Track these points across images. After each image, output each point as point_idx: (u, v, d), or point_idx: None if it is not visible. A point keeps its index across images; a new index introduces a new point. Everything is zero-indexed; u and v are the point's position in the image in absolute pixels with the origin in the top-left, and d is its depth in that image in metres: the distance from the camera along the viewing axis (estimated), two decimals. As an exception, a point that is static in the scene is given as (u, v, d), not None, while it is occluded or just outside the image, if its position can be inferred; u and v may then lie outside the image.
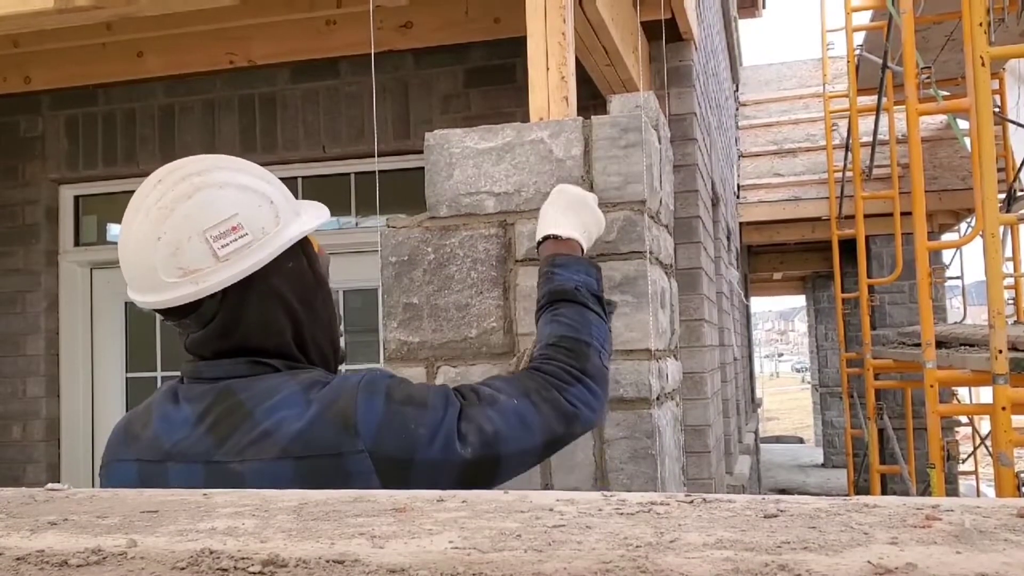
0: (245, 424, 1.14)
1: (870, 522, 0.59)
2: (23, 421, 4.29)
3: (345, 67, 3.99)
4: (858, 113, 7.00)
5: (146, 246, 1.18)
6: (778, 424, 25.62)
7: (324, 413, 1.13)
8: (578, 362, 1.30)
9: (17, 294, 4.34)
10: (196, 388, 1.22)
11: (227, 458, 1.14)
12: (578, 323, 1.36)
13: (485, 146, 1.81)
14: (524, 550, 0.55)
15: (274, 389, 1.17)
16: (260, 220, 1.20)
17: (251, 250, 1.18)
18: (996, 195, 3.48)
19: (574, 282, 1.41)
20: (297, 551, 0.57)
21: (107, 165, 4.29)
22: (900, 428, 7.41)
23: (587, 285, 1.41)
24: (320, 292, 1.30)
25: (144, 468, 1.21)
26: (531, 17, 2.05)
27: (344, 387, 1.16)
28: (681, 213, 3.59)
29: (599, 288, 1.44)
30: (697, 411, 3.54)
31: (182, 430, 1.19)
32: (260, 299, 1.21)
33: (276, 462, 1.11)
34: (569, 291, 1.39)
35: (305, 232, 1.26)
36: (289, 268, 1.24)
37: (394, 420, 1.14)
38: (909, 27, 4.40)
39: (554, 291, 1.40)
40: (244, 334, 1.21)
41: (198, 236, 1.16)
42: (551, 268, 1.44)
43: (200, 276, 1.16)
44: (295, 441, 1.11)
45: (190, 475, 1.16)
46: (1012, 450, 3.56)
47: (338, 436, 1.12)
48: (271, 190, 1.25)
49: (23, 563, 0.57)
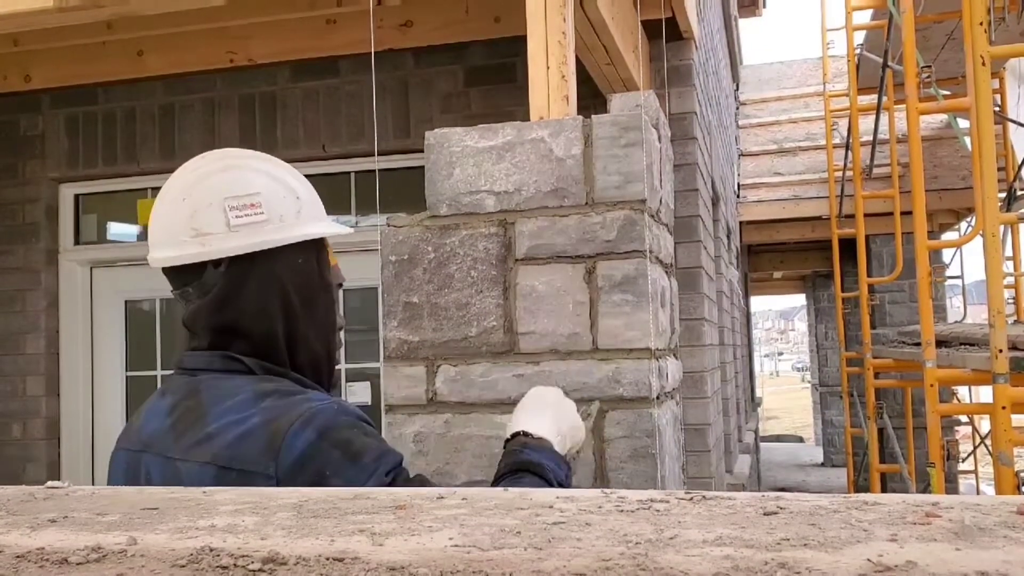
0: (198, 424, 1.16)
1: (870, 519, 0.59)
2: (23, 420, 4.29)
3: (345, 66, 3.99)
4: (858, 112, 6.99)
5: (172, 203, 1.24)
6: (778, 423, 25.62)
7: (260, 428, 1.11)
8: None
9: (17, 293, 4.34)
10: (177, 379, 1.25)
11: (178, 455, 1.16)
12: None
13: (485, 145, 1.80)
14: (524, 548, 0.55)
15: (232, 392, 1.17)
16: (281, 207, 1.24)
17: (264, 229, 1.22)
18: (996, 194, 3.48)
19: (543, 462, 1.29)
20: (297, 549, 0.57)
21: (107, 164, 4.29)
22: (900, 427, 7.41)
23: (555, 473, 1.29)
24: (324, 295, 1.31)
25: (129, 457, 1.24)
26: (531, 16, 2.05)
27: (292, 408, 1.13)
28: (681, 212, 3.59)
29: (567, 483, 1.32)
30: (697, 410, 3.54)
31: (157, 421, 1.22)
32: (260, 281, 1.23)
33: (203, 467, 1.12)
34: (535, 465, 1.28)
35: (323, 234, 1.30)
36: (298, 263, 1.26)
37: (314, 460, 1.10)
38: (909, 26, 4.40)
39: (519, 463, 1.29)
40: (237, 312, 1.22)
41: (218, 203, 1.21)
42: (521, 448, 1.32)
43: (208, 239, 1.20)
44: (226, 449, 1.11)
45: (157, 467, 1.19)
46: (1012, 449, 3.55)
47: (260, 455, 1.10)
48: (302, 189, 1.30)
49: (23, 561, 0.57)
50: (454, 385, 1.77)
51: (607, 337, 1.71)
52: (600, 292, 1.71)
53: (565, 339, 1.72)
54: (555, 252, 1.74)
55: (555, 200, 1.75)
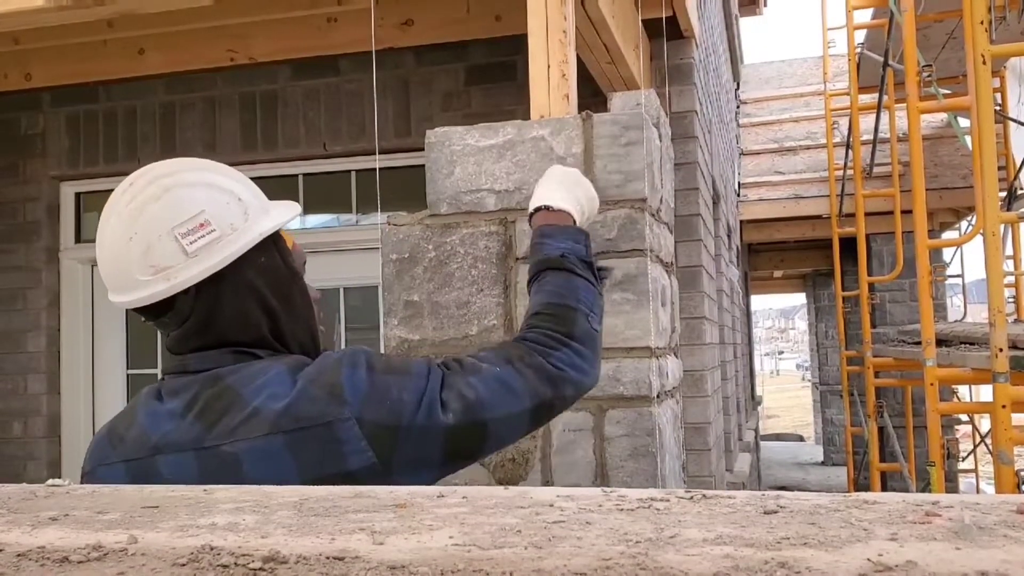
0: (235, 406, 1.16)
1: (870, 518, 0.59)
2: (24, 418, 4.29)
3: (346, 64, 3.99)
4: (859, 111, 6.99)
5: (119, 246, 1.21)
6: (778, 422, 25.62)
7: (309, 387, 1.15)
8: (563, 326, 1.31)
9: (18, 291, 4.34)
10: (180, 381, 1.23)
11: (218, 441, 1.15)
12: (563, 288, 1.37)
13: (486, 144, 1.80)
14: (524, 547, 0.55)
15: (261, 371, 1.19)
16: (228, 216, 1.22)
17: (220, 245, 1.20)
18: (997, 193, 3.48)
19: (560, 250, 1.41)
20: (297, 547, 0.57)
21: (108, 162, 4.29)
22: (900, 426, 7.41)
23: (575, 251, 1.42)
24: (295, 285, 1.31)
25: (132, 467, 1.21)
26: (532, 15, 2.05)
27: (326, 362, 1.19)
28: (682, 211, 3.59)
29: (587, 254, 1.43)
30: (697, 409, 3.54)
31: (169, 423, 1.20)
32: (233, 293, 1.23)
33: (266, 438, 1.12)
34: (554, 259, 1.40)
35: (275, 227, 1.28)
36: (261, 263, 1.25)
37: (379, 388, 1.16)
38: (910, 25, 4.39)
39: (541, 261, 1.41)
40: (221, 328, 1.22)
41: (167, 234, 1.19)
42: (539, 239, 1.45)
43: (171, 272, 1.19)
44: (283, 415, 1.13)
45: (181, 464, 1.16)
46: (1012, 448, 3.55)
47: (326, 406, 1.13)
48: (240, 188, 1.27)
49: (24, 559, 0.57)
50: (454, 384, 1.77)
51: (607, 336, 1.71)
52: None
53: (565, 338, 1.72)
54: (555, 251, 1.74)
55: (555, 199, 1.75)
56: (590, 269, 1.41)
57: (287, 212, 1.32)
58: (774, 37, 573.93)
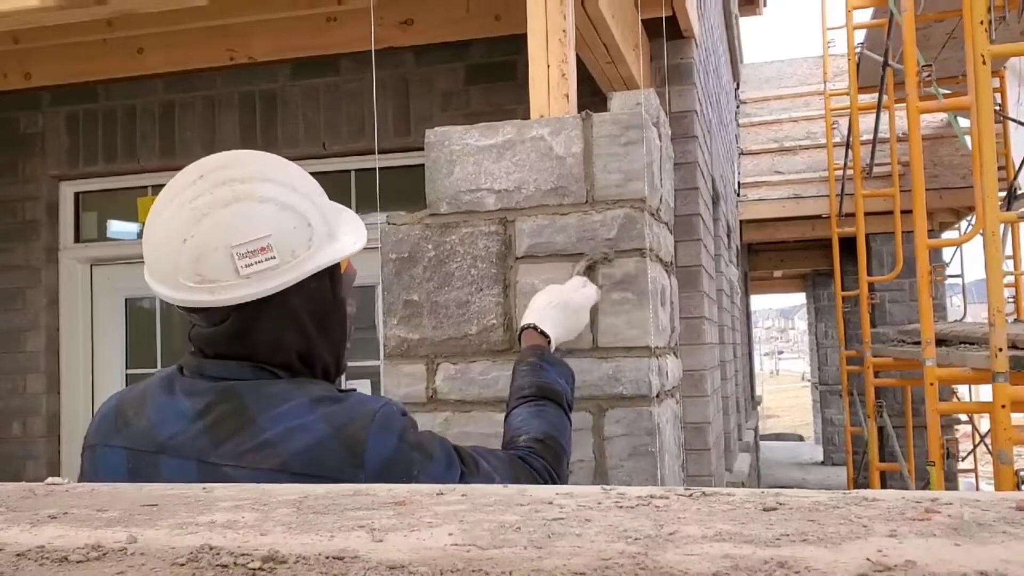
0: (248, 429, 1.13)
1: (869, 515, 0.59)
2: (23, 417, 4.29)
3: (345, 64, 3.99)
4: (859, 111, 6.99)
5: (172, 243, 1.15)
6: (778, 422, 25.60)
7: (334, 435, 1.11)
8: (558, 467, 1.36)
9: (18, 290, 4.34)
10: (198, 384, 1.20)
11: (223, 460, 1.12)
12: (561, 428, 1.43)
13: (485, 143, 1.80)
14: (524, 546, 0.55)
15: (281, 398, 1.15)
16: (292, 243, 1.17)
17: (276, 273, 1.15)
18: (996, 193, 3.48)
19: (560, 386, 1.48)
20: (297, 546, 0.56)
21: (107, 162, 4.29)
22: (900, 426, 7.41)
23: (567, 393, 1.49)
24: (336, 314, 1.28)
25: (134, 457, 1.18)
26: (532, 14, 2.05)
27: (359, 413, 1.14)
28: (681, 210, 3.59)
29: (572, 399, 1.52)
30: (697, 408, 3.54)
31: (178, 423, 1.17)
32: (275, 317, 1.18)
33: (273, 473, 1.09)
34: (559, 393, 1.46)
35: (334, 261, 1.23)
36: (312, 289, 1.21)
37: (400, 461, 1.13)
38: (910, 25, 4.39)
39: (543, 386, 1.46)
40: (251, 346, 1.19)
41: (224, 249, 1.13)
42: (540, 361, 1.50)
43: (217, 288, 1.14)
44: (298, 456, 1.10)
45: (183, 471, 1.14)
46: (1012, 448, 3.56)
47: (342, 462, 1.10)
48: (313, 211, 1.20)
49: (24, 559, 0.57)
50: (454, 383, 1.77)
51: (607, 335, 1.71)
52: (600, 290, 1.71)
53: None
54: (555, 250, 1.74)
55: (555, 198, 1.75)
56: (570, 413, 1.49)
57: (352, 243, 1.27)
58: (774, 37, 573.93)
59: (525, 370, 1.49)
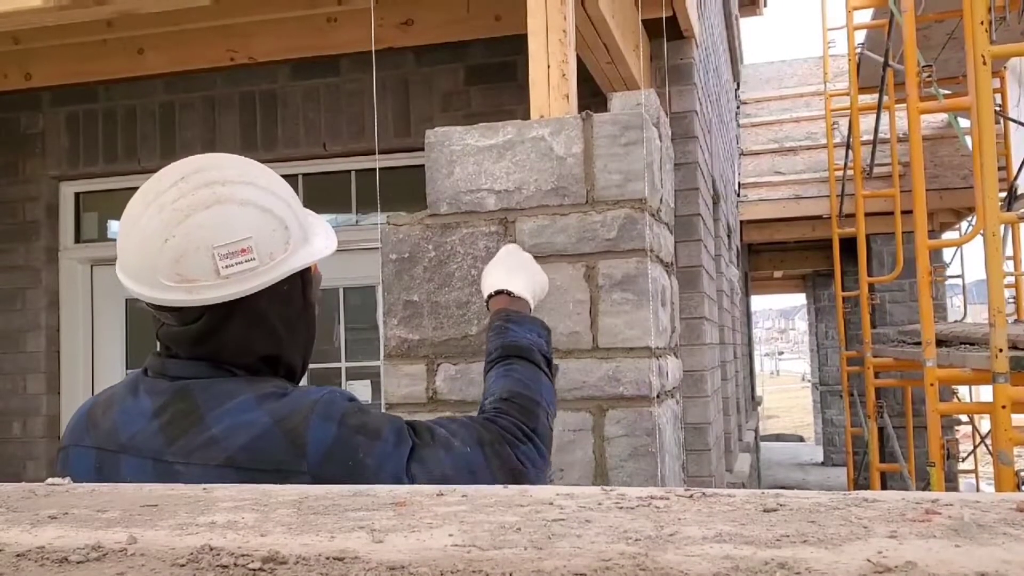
0: (196, 427, 1.14)
1: (869, 516, 0.59)
2: (23, 417, 4.29)
3: (346, 64, 3.99)
4: (859, 111, 6.99)
5: (152, 244, 1.16)
6: (778, 422, 25.60)
7: (275, 427, 1.12)
8: (530, 421, 1.29)
9: (18, 291, 4.34)
10: (159, 383, 1.22)
11: (175, 458, 1.14)
12: (531, 382, 1.36)
13: (486, 144, 1.80)
14: (524, 546, 0.55)
15: (228, 395, 1.16)
16: (270, 246, 1.19)
17: (253, 274, 1.17)
18: (997, 194, 3.48)
19: (528, 340, 1.42)
20: (297, 547, 0.56)
21: (108, 162, 4.30)
22: (900, 426, 7.41)
23: (539, 346, 1.42)
24: (305, 315, 1.30)
25: (101, 457, 1.20)
26: (532, 15, 2.05)
27: (300, 403, 1.15)
28: (682, 211, 3.59)
29: (548, 350, 1.45)
30: (697, 409, 3.54)
31: (138, 423, 1.19)
32: (245, 318, 1.20)
33: (219, 469, 1.11)
34: (524, 348, 1.40)
35: (308, 263, 1.26)
36: (282, 292, 1.23)
37: (344, 447, 1.12)
38: (910, 25, 4.39)
39: (508, 346, 1.41)
40: (218, 346, 1.20)
41: (206, 249, 1.15)
42: (505, 323, 1.45)
43: (196, 287, 1.15)
44: (242, 451, 1.11)
45: (141, 470, 1.16)
46: (1012, 448, 3.55)
47: (284, 453, 1.11)
48: (289, 214, 1.23)
49: (24, 559, 0.57)
50: (454, 383, 1.77)
51: (607, 336, 1.71)
52: (600, 291, 1.72)
53: (565, 337, 1.72)
54: (555, 251, 1.74)
55: (555, 199, 1.75)
56: (548, 365, 1.43)
57: (324, 246, 1.29)
58: (774, 37, 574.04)
59: (491, 336, 1.45)
